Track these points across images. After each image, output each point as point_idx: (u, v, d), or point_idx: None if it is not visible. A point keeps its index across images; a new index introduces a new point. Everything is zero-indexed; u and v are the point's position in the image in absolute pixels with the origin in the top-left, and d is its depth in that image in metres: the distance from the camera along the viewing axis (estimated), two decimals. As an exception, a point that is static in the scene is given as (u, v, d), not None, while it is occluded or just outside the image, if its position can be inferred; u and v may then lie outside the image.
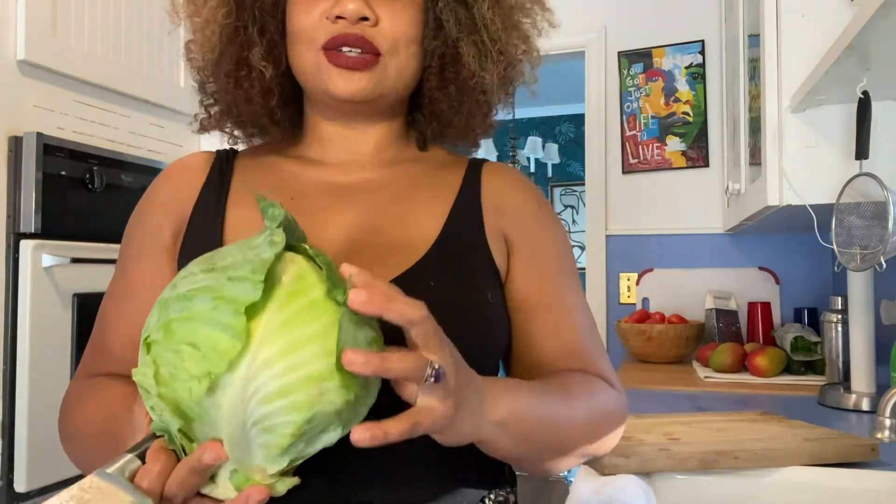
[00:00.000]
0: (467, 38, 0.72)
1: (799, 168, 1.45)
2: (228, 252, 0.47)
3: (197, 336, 0.43)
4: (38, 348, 1.58)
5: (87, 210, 1.73)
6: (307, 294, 0.45)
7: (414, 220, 0.71)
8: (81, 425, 0.66)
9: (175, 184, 0.75)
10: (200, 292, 0.43)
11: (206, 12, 0.72)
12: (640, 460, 1.05)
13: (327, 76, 0.69)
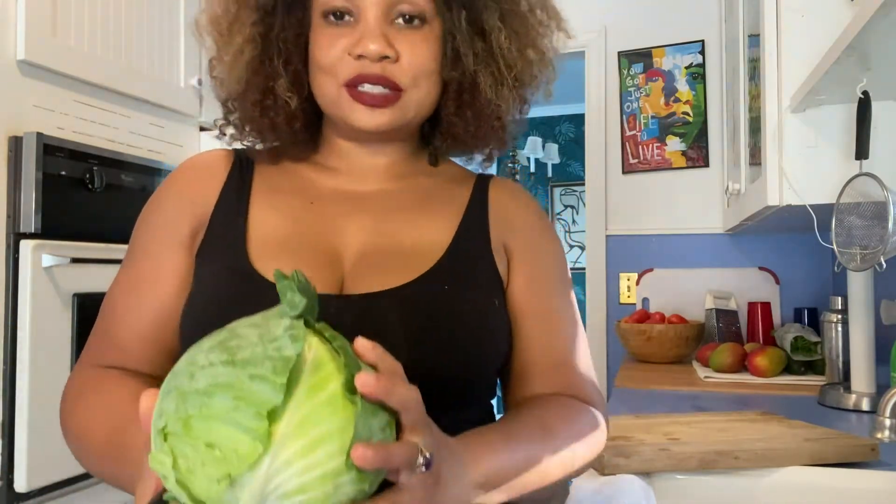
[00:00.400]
0: (484, 68, 0.75)
1: (799, 168, 1.45)
2: (247, 338, 0.46)
3: (217, 436, 0.43)
4: (38, 348, 1.58)
5: (87, 210, 1.73)
6: (325, 388, 0.45)
7: (426, 229, 0.74)
8: (86, 426, 0.67)
9: (194, 180, 0.76)
10: (220, 389, 0.43)
11: (234, 47, 0.74)
12: (640, 460, 1.05)
13: (350, 110, 0.71)
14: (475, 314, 0.71)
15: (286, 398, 0.43)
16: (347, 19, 0.71)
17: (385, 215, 0.75)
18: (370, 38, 0.69)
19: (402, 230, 0.74)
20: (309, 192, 0.76)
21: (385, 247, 0.72)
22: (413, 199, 0.77)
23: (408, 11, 0.71)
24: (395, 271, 0.69)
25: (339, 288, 0.70)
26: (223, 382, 0.43)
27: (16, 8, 1.60)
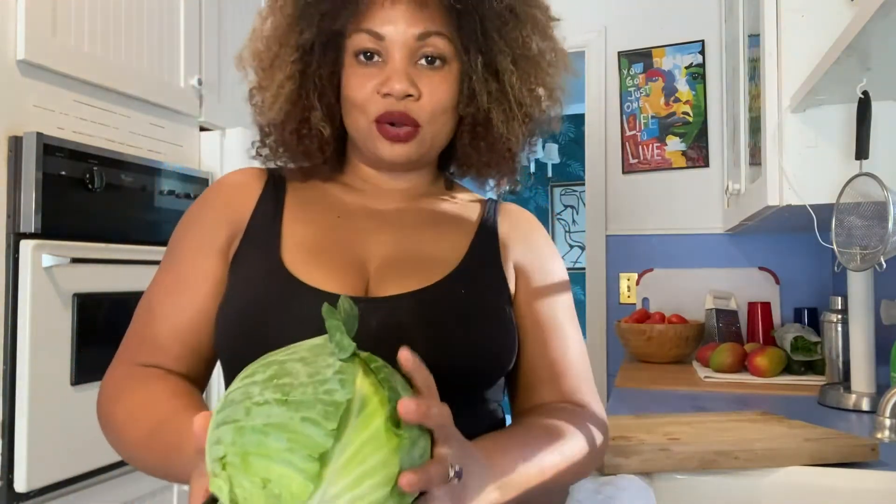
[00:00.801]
0: (497, 105, 0.82)
1: (799, 168, 1.45)
2: (298, 377, 0.50)
3: (272, 474, 0.47)
4: (38, 348, 1.58)
5: (87, 210, 1.73)
6: (370, 425, 0.50)
7: (441, 242, 0.82)
8: (126, 421, 0.72)
9: (231, 194, 0.84)
10: (275, 429, 0.48)
11: (275, 83, 0.81)
12: (640, 460, 1.05)
13: (377, 143, 0.80)
14: (489, 314, 0.78)
15: (337, 438, 0.48)
16: (376, 60, 0.79)
17: (404, 230, 0.83)
18: (396, 78, 0.77)
19: (421, 242, 0.82)
20: (336, 208, 0.84)
21: (405, 256, 0.79)
22: (429, 217, 0.86)
23: (430, 53, 0.79)
24: (416, 277, 0.76)
25: (364, 291, 0.76)
26: (277, 423, 0.48)
27: (16, 8, 1.60)
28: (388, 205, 0.86)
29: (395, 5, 0.78)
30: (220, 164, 2.20)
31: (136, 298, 1.95)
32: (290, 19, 0.81)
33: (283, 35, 0.81)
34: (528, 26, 0.83)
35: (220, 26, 2.32)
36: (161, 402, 0.70)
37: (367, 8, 0.78)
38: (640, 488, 0.98)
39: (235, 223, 0.81)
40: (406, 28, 0.78)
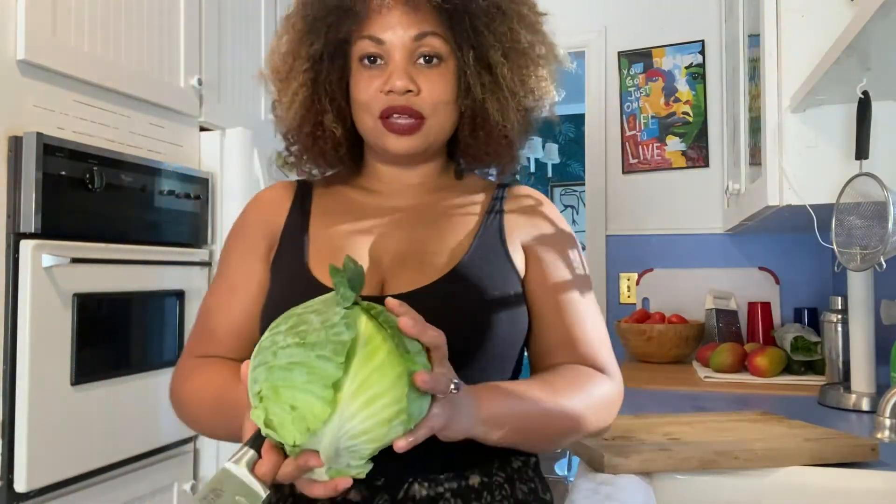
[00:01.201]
0: (491, 96, 0.88)
1: (799, 168, 1.45)
2: (312, 324, 0.62)
3: (298, 401, 0.59)
4: (38, 348, 1.58)
5: (87, 210, 1.73)
6: (375, 357, 0.61)
7: (449, 235, 0.89)
8: (194, 395, 0.84)
9: (266, 208, 0.96)
10: (297, 366, 0.60)
11: (290, 91, 0.91)
12: (640, 460, 1.05)
13: (384, 138, 0.87)
14: (493, 303, 0.84)
15: (346, 369, 0.59)
16: (379, 63, 0.87)
17: (416, 227, 0.90)
18: (396, 76, 0.85)
19: (430, 237, 0.89)
20: (356, 212, 0.93)
21: (414, 252, 0.87)
22: (440, 211, 0.92)
23: (427, 53, 0.86)
24: (425, 272, 0.84)
25: (380, 289, 0.85)
26: (298, 361, 0.60)
27: (16, 8, 1.60)
28: (403, 202, 0.93)
29: (391, 11, 0.86)
30: (220, 163, 2.20)
31: (136, 298, 1.96)
32: (301, 34, 0.89)
33: (295, 48, 0.90)
34: (514, 21, 0.89)
35: (220, 26, 2.32)
36: (221, 377, 0.82)
37: (367, 16, 0.86)
38: (640, 488, 0.98)
39: (272, 233, 0.93)
40: (403, 31, 0.85)
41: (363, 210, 0.93)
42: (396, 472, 0.78)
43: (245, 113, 2.44)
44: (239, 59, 2.42)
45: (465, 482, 0.81)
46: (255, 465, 0.62)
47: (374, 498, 0.78)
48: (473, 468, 0.82)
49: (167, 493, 2.02)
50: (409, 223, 0.91)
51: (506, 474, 0.85)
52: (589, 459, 1.07)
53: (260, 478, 0.62)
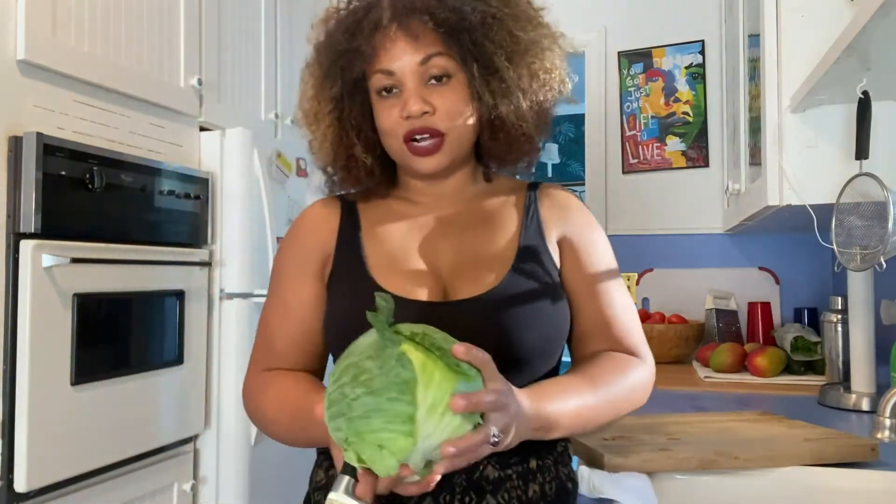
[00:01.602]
0: (503, 100, 0.93)
1: (799, 168, 1.45)
2: (371, 371, 0.70)
3: (382, 441, 0.69)
4: (38, 348, 1.58)
5: (87, 210, 1.73)
6: (433, 381, 0.69)
7: (496, 242, 0.96)
8: (270, 411, 0.93)
9: (315, 225, 1.02)
10: (373, 413, 0.69)
11: (321, 131, 0.98)
12: (640, 460, 1.05)
13: (410, 160, 0.94)
14: (547, 302, 0.92)
15: (414, 401, 0.68)
16: (395, 91, 0.94)
17: (463, 234, 0.97)
18: (412, 101, 0.91)
19: (478, 244, 0.96)
20: (403, 222, 1.00)
21: (469, 260, 0.95)
22: (481, 217, 0.99)
23: (436, 73, 0.93)
24: (480, 279, 0.92)
25: (444, 294, 0.92)
26: (373, 408, 0.69)
27: (16, 8, 1.60)
28: (444, 210, 1.00)
29: (395, 43, 0.92)
30: (220, 164, 2.20)
31: (136, 298, 1.96)
32: (320, 80, 0.97)
33: (318, 93, 0.98)
34: (509, 24, 0.93)
35: (220, 26, 2.32)
36: (292, 394, 0.91)
37: (375, 52, 0.93)
38: (644, 483, 0.99)
39: (324, 250, 0.99)
40: (409, 58, 0.92)
41: (409, 219, 1.00)
42: None
43: (245, 113, 2.44)
44: (239, 59, 2.43)
45: (526, 465, 0.91)
46: (354, 487, 0.71)
47: (453, 476, 0.88)
48: (532, 453, 0.92)
49: (167, 493, 2.02)
50: (455, 231, 0.98)
51: (552, 458, 0.95)
52: (589, 459, 1.07)
53: (360, 496, 0.71)
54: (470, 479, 0.88)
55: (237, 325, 2.16)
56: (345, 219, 1.01)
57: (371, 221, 1.00)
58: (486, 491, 0.88)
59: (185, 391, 2.05)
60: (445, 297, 0.92)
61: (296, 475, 2.26)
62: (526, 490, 0.89)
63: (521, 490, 0.89)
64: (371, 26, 0.93)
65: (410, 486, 0.73)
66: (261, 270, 2.21)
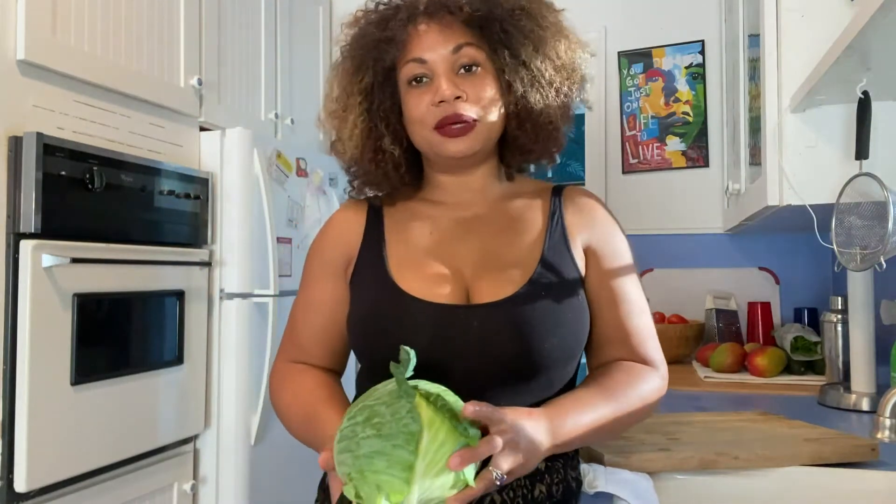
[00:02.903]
0: (531, 88, 0.96)
1: (799, 168, 1.45)
2: (384, 416, 0.75)
3: (381, 482, 0.73)
4: (38, 348, 1.58)
5: (87, 210, 1.73)
6: (438, 438, 0.74)
7: (519, 246, 0.97)
8: (286, 409, 0.98)
9: (344, 227, 1.04)
10: (378, 455, 0.73)
11: (349, 125, 0.99)
12: (640, 460, 1.05)
13: (442, 145, 0.95)
14: (567, 310, 0.93)
15: (416, 452, 0.73)
16: (425, 81, 0.96)
17: (486, 236, 0.98)
18: (445, 85, 0.93)
19: (502, 247, 0.97)
20: (427, 223, 1.01)
21: (492, 263, 0.95)
22: (505, 219, 1.00)
23: (466, 62, 0.95)
24: (503, 283, 0.93)
25: (466, 297, 0.93)
26: (378, 450, 0.74)
27: (16, 8, 1.60)
28: (469, 211, 1.01)
29: (427, 33, 0.95)
30: (220, 163, 2.20)
31: (136, 298, 1.96)
32: (350, 73, 0.99)
33: (348, 87, 0.99)
34: (537, 17, 0.97)
35: (220, 26, 2.32)
36: (309, 393, 0.96)
37: (407, 43, 0.96)
38: (643, 485, 0.99)
39: (349, 250, 1.01)
40: (441, 48, 0.94)
41: (433, 221, 1.01)
42: None
43: (245, 113, 2.44)
44: (239, 59, 2.43)
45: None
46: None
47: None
48: None
49: (167, 493, 2.02)
50: (480, 232, 0.99)
51: (562, 461, 0.95)
52: (589, 459, 1.07)
53: None
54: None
55: (237, 325, 2.16)
56: (370, 221, 1.03)
57: (395, 223, 1.02)
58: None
59: (185, 391, 2.05)
60: (466, 299, 0.93)
61: (296, 475, 2.27)
62: (532, 489, 0.90)
63: (526, 489, 0.90)
64: (404, 17, 0.95)
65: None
66: (261, 270, 2.21)
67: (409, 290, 0.93)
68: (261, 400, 2.16)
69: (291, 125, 2.70)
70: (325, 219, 1.11)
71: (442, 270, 0.95)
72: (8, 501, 1.54)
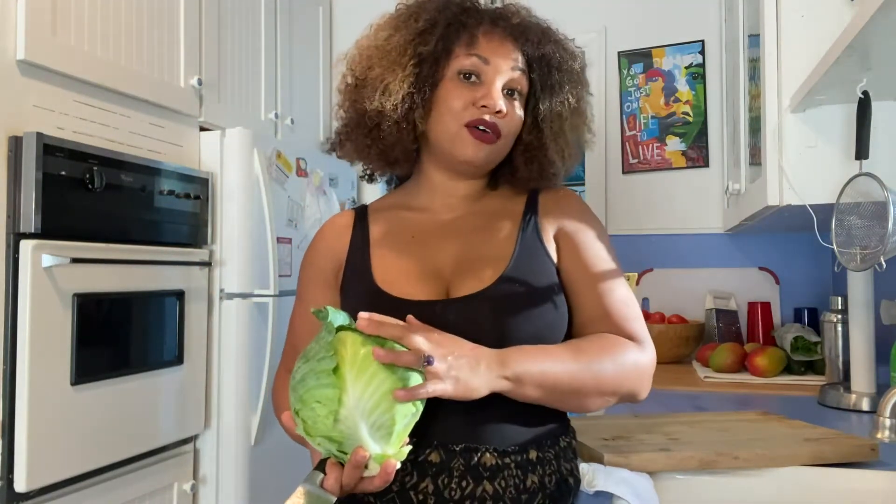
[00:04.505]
0: (553, 139, 1.02)
1: (799, 168, 1.45)
2: (311, 347, 0.80)
3: (316, 396, 0.77)
4: (37, 348, 1.58)
5: (87, 210, 1.73)
6: (359, 353, 0.78)
7: (495, 242, 1.00)
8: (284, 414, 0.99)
9: (332, 237, 1.08)
10: (308, 375, 0.78)
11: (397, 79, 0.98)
12: (640, 460, 1.05)
13: (464, 144, 0.98)
14: (542, 298, 0.95)
15: (343, 363, 0.77)
16: (474, 80, 0.99)
17: (465, 236, 1.01)
18: (497, 97, 0.98)
19: (480, 244, 1.00)
20: (409, 229, 1.04)
21: (470, 259, 0.98)
22: (483, 219, 1.03)
23: (513, 87, 1.00)
24: (480, 278, 0.95)
25: (446, 294, 0.96)
26: (306, 371, 0.78)
27: (16, 8, 1.60)
28: (450, 215, 1.04)
29: (495, 40, 0.99)
30: (220, 163, 2.20)
31: (136, 298, 1.96)
32: (415, 33, 1.00)
33: (407, 42, 0.99)
34: (578, 86, 1.04)
35: (220, 26, 2.32)
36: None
37: (477, 39, 0.99)
38: (644, 485, 0.99)
39: (338, 259, 1.05)
40: (503, 61, 0.99)
41: (417, 227, 1.04)
42: (472, 443, 0.91)
43: (245, 113, 2.44)
44: (239, 59, 2.43)
45: (525, 455, 0.92)
46: (321, 481, 0.78)
47: (451, 461, 0.90)
48: (532, 444, 0.93)
49: (167, 493, 2.02)
50: (459, 234, 1.02)
51: (554, 452, 0.96)
52: (589, 459, 1.07)
53: (328, 490, 0.78)
54: (468, 465, 0.90)
55: (237, 325, 2.16)
56: (357, 229, 1.07)
57: (379, 230, 1.06)
58: (484, 477, 0.90)
59: (185, 391, 2.05)
60: (447, 296, 0.95)
61: (296, 475, 2.27)
62: (524, 480, 0.91)
63: (518, 479, 0.91)
64: (484, 14, 1.01)
65: (372, 480, 0.79)
66: (261, 270, 2.21)
67: (392, 292, 0.95)
68: (261, 400, 2.16)
69: (291, 125, 2.69)
70: (326, 219, 1.13)
71: (423, 271, 0.98)
72: (8, 501, 1.54)
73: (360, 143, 1.04)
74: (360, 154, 1.06)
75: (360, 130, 1.03)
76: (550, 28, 1.05)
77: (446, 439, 0.90)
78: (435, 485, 0.90)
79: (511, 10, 1.03)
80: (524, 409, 0.91)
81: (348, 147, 1.07)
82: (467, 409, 0.87)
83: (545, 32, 1.04)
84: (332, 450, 0.78)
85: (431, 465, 0.90)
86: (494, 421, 0.91)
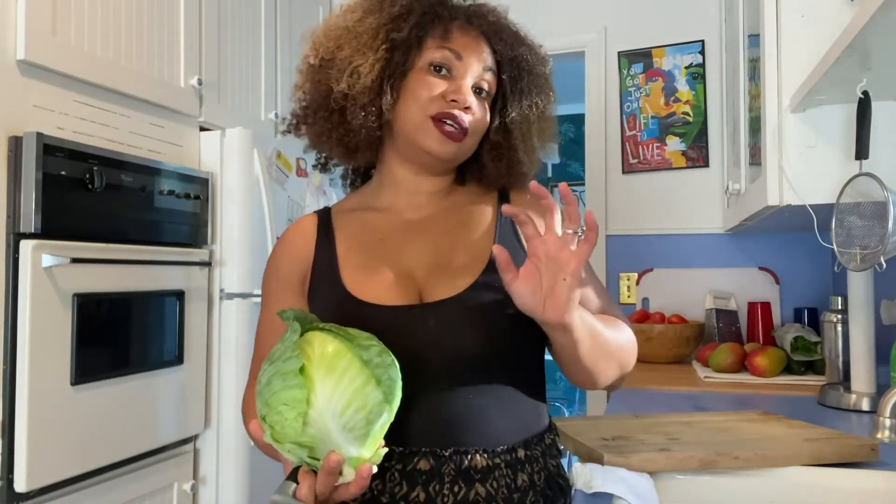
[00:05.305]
0: (521, 139, 1.01)
1: (799, 168, 1.45)
2: (276, 349, 0.76)
3: (283, 399, 0.72)
4: (37, 348, 1.58)
5: (87, 210, 1.73)
6: (327, 351, 0.74)
7: (470, 244, 0.98)
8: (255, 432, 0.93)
9: (296, 243, 1.04)
10: (274, 377, 0.73)
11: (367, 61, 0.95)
12: (640, 460, 1.05)
13: (428, 136, 0.95)
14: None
15: (310, 363, 0.73)
16: (444, 73, 0.97)
17: (437, 238, 0.98)
18: (467, 92, 0.96)
19: (453, 246, 0.97)
20: (377, 232, 1.01)
21: (443, 262, 0.96)
22: (455, 220, 1.01)
23: (482, 87, 0.99)
24: (457, 280, 0.93)
25: (419, 298, 0.93)
26: (272, 373, 0.73)
27: (16, 8, 1.60)
28: (417, 214, 1.01)
29: (469, 36, 0.98)
30: (220, 164, 2.20)
31: (135, 298, 1.95)
32: (390, 17, 0.97)
33: (380, 25, 0.96)
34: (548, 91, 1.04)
35: (220, 26, 2.32)
36: None
37: (451, 33, 0.97)
38: (644, 485, 0.99)
39: (303, 265, 1.01)
40: (476, 58, 0.97)
41: (385, 229, 1.01)
42: (461, 446, 0.90)
43: (245, 113, 2.44)
44: (239, 59, 2.42)
45: (514, 454, 0.92)
46: (294, 491, 0.75)
47: (442, 467, 0.89)
48: (520, 443, 0.93)
49: (167, 493, 2.02)
50: (430, 234, 0.99)
51: (541, 449, 0.96)
52: (588, 459, 1.07)
53: (301, 500, 0.75)
54: (458, 469, 0.89)
55: (237, 325, 2.16)
56: (321, 233, 1.03)
57: (345, 234, 1.02)
58: (476, 480, 0.89)
59: (185, 391, 2.05)
60: (420, 300, 0.93)
61: (296, 475, 2.27)
62: (515, 479, 0.91)
63: (509, 479, 0.90)
64: (459, 9, 0.99)
65: (349, 486, 0.76)
66: (261, 270, 2.20)
67: (363, 297, 0.92)
68: (261, 400, 2.16)
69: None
70: (326, 219, 1.09)
71: (394, 274, 0.95)
72: (8, 501, 1.54)
73: (321, 126, 1.00)
74: (320, 138, 1.02)
75: (322, 113, 0.99)
76: (521, 31, 1.04)
77: (434, 444, 0.88)
78: (426, 493, 0.88)
79: (486, 9, 1.02)
80: (508, 407, 0.91)
81: (306, 130, 1.03)
82: (452, 412, 0.88)
83: (517, 35, 1.03)
84: (304, 456, 0.74)
85: (421, 473, 0.88)
86: (481, 422, 0.90)
